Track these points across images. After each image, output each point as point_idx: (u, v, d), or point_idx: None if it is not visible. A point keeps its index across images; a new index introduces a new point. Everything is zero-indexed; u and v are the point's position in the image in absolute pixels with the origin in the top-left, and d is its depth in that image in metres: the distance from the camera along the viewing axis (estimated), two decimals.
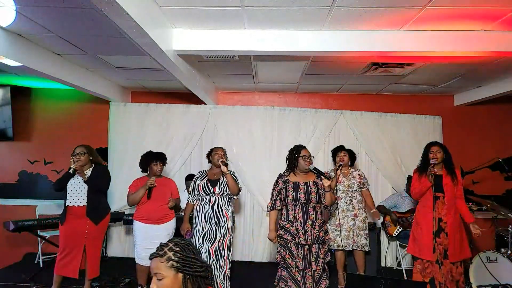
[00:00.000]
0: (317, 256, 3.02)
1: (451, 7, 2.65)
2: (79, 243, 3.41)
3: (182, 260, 1.43)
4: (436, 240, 3.27)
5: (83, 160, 3.43)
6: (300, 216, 3.04)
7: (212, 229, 3.44)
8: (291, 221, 3.06)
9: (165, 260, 1.41)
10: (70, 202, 3.42)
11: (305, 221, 3.03)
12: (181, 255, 1.44)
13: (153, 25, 2.59)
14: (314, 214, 3.06)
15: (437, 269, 3.25)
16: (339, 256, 3.98)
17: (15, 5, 2.60)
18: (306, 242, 3.00)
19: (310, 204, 3.07)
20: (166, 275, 1.40)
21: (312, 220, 3.04)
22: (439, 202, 3.32)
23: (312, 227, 3.02)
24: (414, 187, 3.46)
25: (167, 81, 4.62)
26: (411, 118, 5.11)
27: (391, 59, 3.62)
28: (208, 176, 3.59)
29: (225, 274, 3.45)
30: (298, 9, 2.70)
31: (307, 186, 3.09)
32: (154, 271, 1.42)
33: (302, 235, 3.00)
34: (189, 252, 1.46)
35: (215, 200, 3.47)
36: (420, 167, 3.50)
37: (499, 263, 3.58)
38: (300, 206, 3.07)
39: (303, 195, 3.06)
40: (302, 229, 3.01)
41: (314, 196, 3.06)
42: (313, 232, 3.02)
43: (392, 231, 4.41)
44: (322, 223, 3.10)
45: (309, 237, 3.00)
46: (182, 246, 1.47)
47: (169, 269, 1.41)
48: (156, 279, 1.41)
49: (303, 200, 3.06)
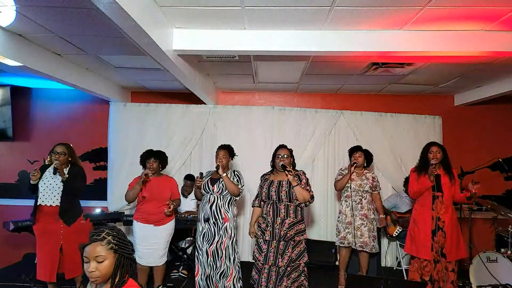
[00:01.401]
0: (283, 253, 3.12)
1: (451, 7, 2.65)
2: (55, 244, 3.32)
3: (120, 242, 1.56)
4: (434, 238, 3.28)
5: (62, 160, 3.38)
6: (271, 213, 3.18)
7: (211, 229, 3.43)
8: (264, 217, 3.25)
9: (105, 243, 1.53)
10: (42, 201, 3.32)
11: (275, 218, 3.15)
12: (119, 238, 1.57)
13: (153, 25, 2.59)
14: (285, 212, 3.14)
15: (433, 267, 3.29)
16: (344, 255, 3.98)
17: (15, 5, 2.60)
18: (273, 239, 3.13)
19: (282, 202, 3.17)
20: (107, 257, 1.52)
21: (282, 218, 3.14)
22: (437, 202, 3.34)
23: (281, 225, 3.13)
24: (413, 187, 3.47)
25: (167, 81, 4.62)
26: (411, 118, 5.11)
27: (391, 59, 3.62)
28: (212, 174, 3.60)
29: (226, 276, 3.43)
30: (298, 9, 2.70)
31: (280, 185, 3.20)
32: (94, 254, 1.51)
33: (269, 232, 3.14)
34: (123, 236, 1.61)
35: (214, 200, 3.46)
36: (418, 166, 3.51)
37: (499, 263, 3.58)
38: (271, 203, 3.20)
39: (274, 193, 3.19)
40: (270, 225, 3.15)
41: (285, 195, 3.15)
42: (281, 230, 3.12)
43: (392, 231, 4.42)
44: (295, 222, 3.15)
45: (276, 234, 3.12)
46: (117, 230, 1.61)
47: (109, 251, 1.53)
48: (96, 262, 1.51)
49: (274, 198, 3.18)
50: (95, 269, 1.50)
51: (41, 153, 5.27)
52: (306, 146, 5.00)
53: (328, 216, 5.02)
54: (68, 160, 3.46)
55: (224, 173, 3.44)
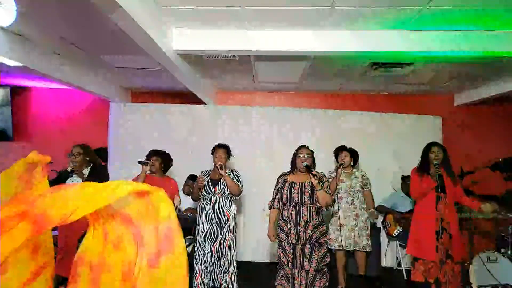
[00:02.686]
0: (310, 256, 3.02)
1: (451, 7, 2.65)
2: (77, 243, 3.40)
3: None
4: (439, 240, 3.26)
5: (79, 161, 3.41)
6: (294, 216, 3.06)
7: (214, 228, 3.44)
8: (286, 220, 3.10)
9: None
10: None
11: (298, 221, 3.04)
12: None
13: (153, 25, 2.60)
14: (308, 215, 3.05)
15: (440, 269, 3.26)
16: (340, 256, 3.98)
17: (15, 5, 2.61)
18: (298, 242, 3.02)
19: (304, 204, 3.07)
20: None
21: (306, 221, 3.04)
22: (441, 202, 3.30)
23: (305, 228, 3.03)
24: (415, 188, 3.42)
25: (167, 81, 4.62)
26: (411, 118, 5.11)
27: (391, 59, 3.62)
28: (211, 175, 3.59)
29: (227, 272, 3.44)
30: (298, 9, 2.70)
31: (302, 186, 3.10)
32: None
33: (294, 235, 3.03)
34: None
35: (216, 200, 3.47)
36: (419, 167, 3.48)
37: (499, 263, 3.57)
38: (294, 206, 3.09)
39: (296, 195, 3.08)
40: (294, 228, 3.04)
41: (308, 197, 3.06)
42: (306, 233, 3.02)
43: (392, 231, 4.41)
44: (317, 224, 3.08)
45: (301, 237, 3.01)
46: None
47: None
48: None
49: (297, 200, 3.07)
50: None
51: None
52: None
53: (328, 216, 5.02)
54: (86, 160, 3.47)
55: (226, 173, 3.44)
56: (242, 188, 3.56)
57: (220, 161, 3.48)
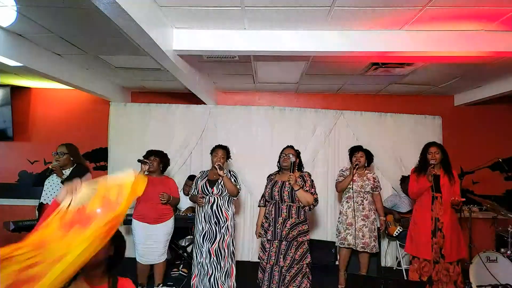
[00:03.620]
0: (285, 253, 3.11)
1: (451, 7, 2.65)
2: None
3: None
4: (433, 239, 3.29)
5: (62, 161, 3.42)
6: (273, 213, 3.18)
7: (212, 229, 3.44)
8: (266, 217, 3.26)
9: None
10: (44, 200, 3.41)
11: (277, 218, 3.15)
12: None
13: (153, 25, 2.59)
14: (287, 213, 3.14)
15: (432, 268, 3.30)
16: (344, 255, 3.98)
17: (16, 5, 2.60)
18: (275, 238, 3.13)
19: (284, 203, 3.16)
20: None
21: (284, 218, 3.13)
22: (436, 202, 3.34)
23: (283, 225, 3.12)
24: (412, 187, 3.47)
25: (167, 81, 4.62)
26: (411, 118, 5.11)
27: (391, 59, 3.62)
28: (208, 176, 3.59)
29: (228, 275, 3.44)
30: (298, 9, 2.70)
31: (283, 185, 3.18)
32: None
33: (271, 232, 3.15)
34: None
35: (214, 201, 3.48)
36: (418, 167, 3.51)
37: (499, 263, 3.58)
38: (274, 203, 3.20)
39: (277, 193, 3.18)
40: (272, 225, 3.15)
41: (287, 195, 3.14)
42: (283, 230, 3.11)
43: (392, 231, 4.42)
44: (296, 223, 3.13)
45: (278, 234, 3.12)
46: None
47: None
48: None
49: (277, 198, 3.18)
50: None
51: (41, 153, 5.28)
52: (306, 146, 5.00)
53: (328, 216, 5.02)
54: (70, 160, 3.47)
55: (224, 174, 3.44)
56: (240, 188, 3.57)
57: (219, 161, 3.48)
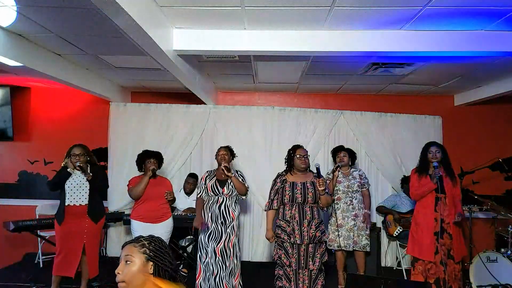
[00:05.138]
0: (313, 255, 3.04)
1: (451, 7, 2.65)
2: (78, 243, 3.40)
3: (155, 250, 1.45)
4: (439, 241, 3.25)
5: (82, 161, 3.43)
6: (297, 216, 3.05)
7: (218, 228, 3.45)
8: (288, 220, 3.08)
9: (139, 246, 1.44)
10: (70, 201, 3.38)
11: (302, 221, 3.04)
12: (155, 245, 1.46)
13: (153, 25, 2.59)
14: (311, 214, 3.07)
15: (441, 270, 3.21)
16: (339, 256, 3.98)
17: (16, 5, 2.60)
18: (302, 242, 3.02)
19: (307, 204, 3.08)
20: (135, 260, 1.40)
21: (309, 220, 3.05)
22: (440, 203, 3.28)
23: (309, 227, 3.04)
24: (415, 188, 3.40)
25: (167, 81, 4.61)
26: (411, 118, 5.11)
27: (391, 59, 3.62)
28: (216, 176, 3.59)
29: (233, 275, 3.44)
30: (298, 9, 2.70)
31: (304, 186, 3.10)
32: (125, 253, 1.42)
33: (298, 235, 3.02)
34: (163, 246, 1.49)
35: (223, 201, 3.49)
36: (419, 167, 3.47)
37: (499, 263, 3.57)
38: (297, 206, 3.08)
39: (300, 195, 3.07)
40: (298, 229, 3.03)
41: (311, 196, 3.07)
42: (309, 232, 3.03)
43: (392, 231, 4.42)
44: (319, 223, 3.10)
45: (305, 237, 3.02)
46: (159, 240, 1.51)
47: (141, 254, 1.42)
48: (123, 263, 1.41)
49: (300, 200, 3.07)
50: (120, 270, 1.40)
51: (41, 153, 5.28)
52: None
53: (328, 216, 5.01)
54: (87, 160, 3.50)
55: (232, 174, 3.45)
56: (248, 187, 3.60)
57: (226, 162, 3.49)
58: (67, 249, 3.40)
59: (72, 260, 3.40)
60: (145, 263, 1.42)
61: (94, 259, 3.52)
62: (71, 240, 3.39)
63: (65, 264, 3.40)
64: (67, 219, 3.38)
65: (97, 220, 3.49)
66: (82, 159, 3.42)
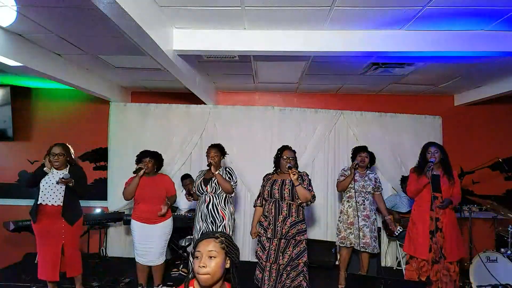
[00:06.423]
0: (284, 251, 3.15)
1: (452, 7, 2.65)
2: (56, 244, 3.33)
3: (231, 245, 1.58)
4: (432, 239, 3.28)
5: (61, 161, 3.38)
6: (273, 211, 3.19)
7: (209, 228, 3.46)
8: (266, 215, 3.26)
9: (219, 242, 1.54)
10: (43, 201, 3.30)
11: (277, 216, 3.18)
12: (230, 242, 1.59)
13: (153, 25, 2.59)
14: (288, 211, 3.17)
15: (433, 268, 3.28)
16: (345, 255, 3.98)
17: (16, 5, 2.61)
18: (275, 236, 3.15)
19: (284, 201, 3.19)
20: (218, 255, 1.52)
21: (284, 216, 3.16)
22: (436, 202, 3.33)
23: (283, 223, 3.15)
24: (411, 186, 3.47)
25: (167, 81, 4.62)
26: (411, 118, 5.11)
27: (391, 59, 3.62)
28: (205, 175, 3.61)
29: None
30: (298, 9, 2.70)
31: (283, 183, 3.22)
32: (208, 249, 1.51)
33: (271, 230, 3.16)
34: (234, 244, 1.62)
35: (210, 199, 3.50)
36: (417, 167, 3.49)
37: (499, 263, 3.58)
38: (274, 202, 3.22)
39: (277, 191, 3.22)
40: (272, 223, 3.17)
41: (287, 193, 3.17)
42: (283, 228, 3.14)
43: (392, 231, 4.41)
44: (296, 222, 3.17)
45: (278, 232, 3.14)
46: (229, 236, 1.63)
47: (220, 250, 1.53)
48: (207, 258, 1.50)
49: (277, 196, 3.21)
50: (205, 264, 1.49)
51: (41, 153, 5.24)
52: (306, 146, 5.00)
53: (328, 215, 5.02)
54: (66, 160, 3.45)
55: (217, 171, 3.45)
56: (234, 185, 3.58)
57: (213, 160, 3.50)
58: (45, 250, 3.35)
59: (52, 264, 3.33)
60: (224, 258, 1.54)
61: (75, 259, 3.45)
62: (48, 240, 3.33)
63: (46, 269, 3.34)
64: (42, 218, 3.32)
65: (73, 222, 3.39)
66: (60, 158, 3.37)
